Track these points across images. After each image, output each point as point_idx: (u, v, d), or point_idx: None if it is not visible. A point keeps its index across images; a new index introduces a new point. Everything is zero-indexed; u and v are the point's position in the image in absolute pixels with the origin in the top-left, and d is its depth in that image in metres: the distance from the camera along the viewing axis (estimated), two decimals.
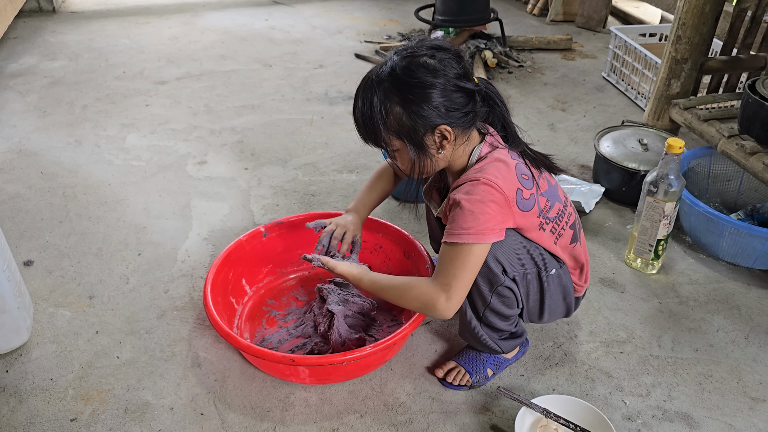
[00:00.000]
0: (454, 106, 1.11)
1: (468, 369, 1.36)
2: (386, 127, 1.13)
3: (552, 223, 1.23)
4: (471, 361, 1.37)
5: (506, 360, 1.39)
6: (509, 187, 1.13)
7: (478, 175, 1.13)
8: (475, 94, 1.14)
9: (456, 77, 1.11)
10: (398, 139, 1.14)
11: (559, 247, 1.26)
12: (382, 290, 1.25)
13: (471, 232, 1.11)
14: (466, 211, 1.11)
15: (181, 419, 1.28)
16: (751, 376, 1.40)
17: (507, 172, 1.14)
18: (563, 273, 1.30)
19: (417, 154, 1.15)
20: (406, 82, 1.10)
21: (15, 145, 2.27)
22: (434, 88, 1.09)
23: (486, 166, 1.15)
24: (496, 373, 1.38)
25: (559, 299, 1.32)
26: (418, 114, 1.10)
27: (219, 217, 1.90)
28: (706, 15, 1.96)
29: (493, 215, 1.12)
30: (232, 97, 2.65)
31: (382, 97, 1.11)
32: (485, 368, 1.36)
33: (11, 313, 1.37)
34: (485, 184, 1.12)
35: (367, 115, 1.13)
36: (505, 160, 1.16)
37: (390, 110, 1.12)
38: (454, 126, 1.13)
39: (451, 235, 1.13)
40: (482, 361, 1.36)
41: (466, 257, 1.13)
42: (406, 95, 1.10)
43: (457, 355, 1.40)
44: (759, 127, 1.68)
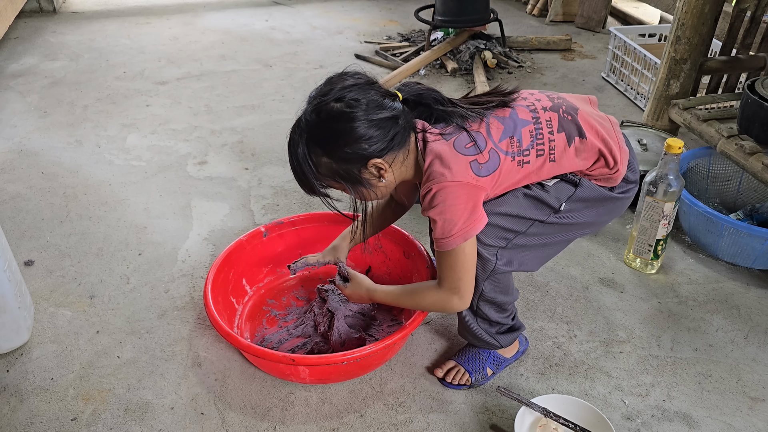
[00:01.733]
0: (376, 139, 1.10)
1: (467, 368, 1.36)
2: (321, 177, 1.15)
3: (534, 149, 1.16)
4: (470, 361, 1.37)
5: (506, 359, 1.39)
6: (460, 169, 1.11)
7: (429, 183, 1.12)
8: (395, 117, 1.12)
9: (370, 111, 1.09)
10: (336, 182, 1.16)
11: (559, 162, 1.18)
12: (397, 303, 1.31)
13: (455, 235, 1.12)
14: (440, 222, 1.12)
15: (181, 419, 1.29)
16: (750, 376, 1.40)
17: (451, 158, 1.11)
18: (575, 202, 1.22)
19: (358, 188, 1.16)
20: (321, 134, 1.11)
21: (16, 145, 2.27)
22: (351, 132, 1.09)
23: (430, 169, 1.13)
24: (495, 373, 1.38)
25: (591, 219, 1.26)
26: (345, 159, 1.11)
27: (219, 217, 1.90)
28: (706, 15, 1.97)
29: (463, 208, 1.11)
30: (232, 98, 2.65)
31: (306, 151, 1.12)
32: (485, 367, 1.37)
33: (12, 312, 1.37)
34: (439, 188, 1.11)
35: (299, 171, 1.15)
36: (442, 149, 1.12)
37: (317, 162, 1.13)
38: (384, 154, 1.12)
39: (439, 245, 1.15)
40: (482, 360, 1.37)
41: (460, 258, 1.14)
42: (326, 145, 1.11)
43: (456, 354, 1.40)
44: (758, 127, 1.68)
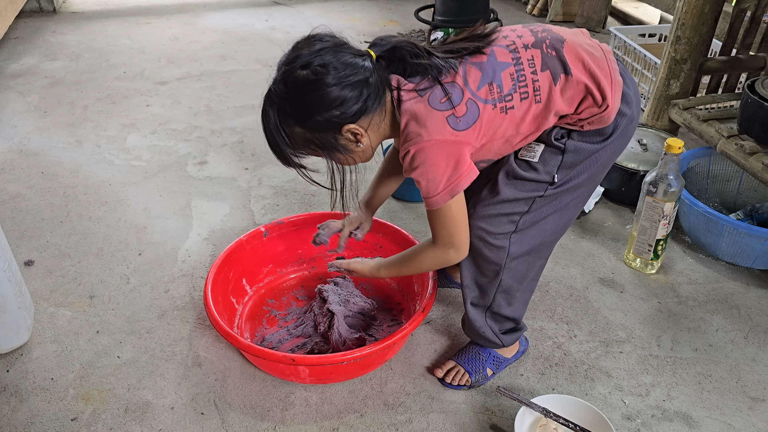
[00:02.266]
0: (348, 104, 1.05)
1: (467, 369, 1.36)
2: (297, 146, 1.12)
3: (516, 93, 1.10)
4: (470, 361, 1.37)
5: (506, 359, 1.39)
6: (437, 127, 1.07)
7: (407, 145, 1.09)
8: (367, 79, 1.06)
9: (340, 75, 1.04)
10: (313, 151, 1.14)
11: (547, 103, 1.10)
12: (400, 273, 1.30)
13: (441, 193, 1.09)
14: (424, 182, 1.10)
15: (181, 419, 1.29)
16: (750, 376, 1.40)
17: (426, 116, 1.07)
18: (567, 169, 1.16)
19: (338, 156, 1.13)
20: (291, 104, 1.07)
21: (16, 145, 2.27)
22: (321, 99, 1.04)
23: (407, 130, 1.09)
24: (495, 373, 1.38)
25: (594, 172, 1.20)
26: (318, 127, 1.08)
27: (219, 217, 1.90)
28: (706, 15, 1.97)
29: (445, 166, 1.08)
30: (232, 98, 2.65)
31: (278, 123, 1.09)
32: (485, 368, 1.36)
33: (12, 312, 1.37)
34: (417, 150, 1.07)
35: (273, 142, 1.12)
36: (417, 107, 1.08)
37: (291, 133, 1.10)
38: (359, 119, 1.08)
39: (427, 204, 1.13)
40: (482, 360, 1.36)
41: (449, 215, 1.13)
42: (297, 115, 1.08)
43: (456, 354, 1.40)
44: (758, 127, 1.68)
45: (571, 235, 1.83)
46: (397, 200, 1.98)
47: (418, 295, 1.48)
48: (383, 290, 1.60)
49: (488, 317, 1.30)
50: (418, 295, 1.47)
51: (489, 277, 1.24)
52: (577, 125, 1.15)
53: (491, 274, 1.24)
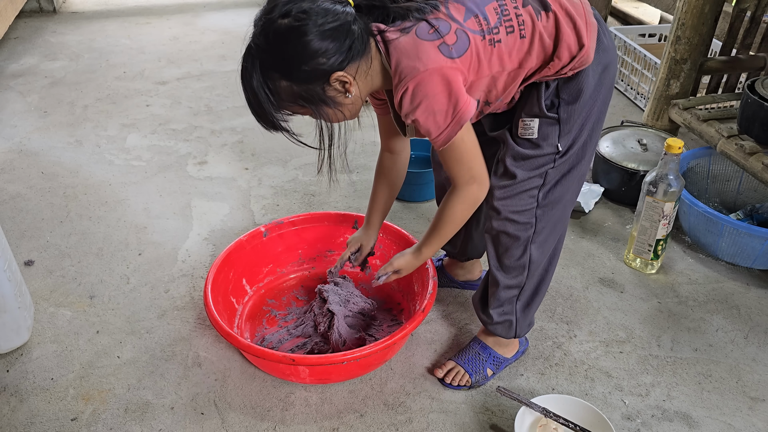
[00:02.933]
0: (333, 50, 1.01)
1: (467, 369, 1.36)
2: (283, 104, 1.06)
3: (502, 26, 1.07)
4: (470, 362, 1.37)
5: (506, 359, 1.39)
6: (430, 56, 1.02)
7: (403, 82, 1.03)
8: (348, 24, 1.02)
9: (321, 22, 1.00)
10: (301, 107, 1.08)
11: (531, 40, 1.08)
12: (442, 238, 1.24)
13: (450, 124, 1.06)
14: (430, 118, 1.05)
15: (181, 419, 1.29)
16: (750, 376, 1.40)
17: (418, 49, 1.03)
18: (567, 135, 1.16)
19: (326, 110, 1.08)
20: (274, 56, 1.01)
21: (16, 145, 2.27)
22: (306, 47, 0.99)
23: (400, 67, 1.04)
24: (495, 373, 1.38)
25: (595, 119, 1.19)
26: (305, 78, 1.02)
27: (219, 217, 1.90)
28: (706, 15, 1.97)
29: (447, 95, 1.04)
30: (232, 98, 2.65)
31: (261, 79, 1.03)
32: (485, 368, 1.36)
33: (12, 312, 1.37)
34: (416, 83, 1.02)
35: (256, 103, 1.06)
36: (406, 42, 1.04)
37: (276, 88, 1.04)
38: (346, 66, 1.03)
39: (437, 143, 1.09)
40: (482, 361, 1.37)
41: (462, 147, 1.10)
42: (282, 68, 1.02)
43: (456, 355, 1.40)
44: (758, 127, 1.68)
45: (571, 235, 1.83)
46: (397, 200, 1.98)
47: (418, 295, 1.48)
48: (383, 290, 1.60)
49: (519, 301, 1.31)
50: (418, 295, 1.47)
51: (517, 257, 1.25)
52: (561, 73, 1.13)
53: (519, 253, 1.24)
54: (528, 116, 1.16)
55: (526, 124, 1.16)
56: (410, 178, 1.91)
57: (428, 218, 1.89)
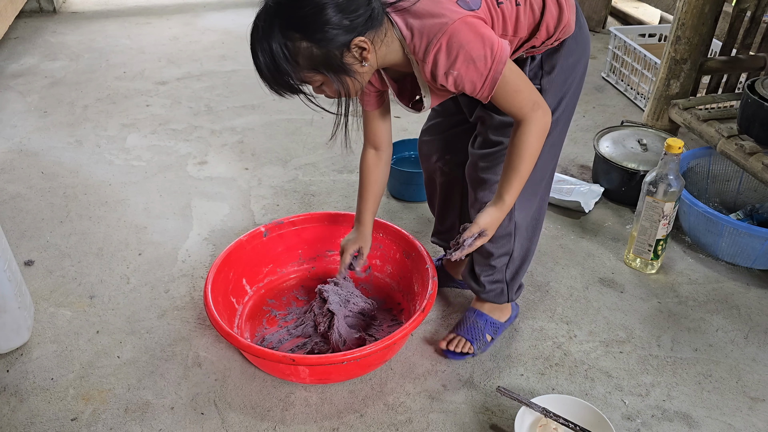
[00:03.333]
0: (356, 14, 1.00)
1: (468, 337, 1.42)
2: (299, 68, 1.03)
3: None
4: (470, 330, 1.43)
5: (501, 324, 1.47)
6: (452, 8, 1.03)
7: (435, 41, 1.03)
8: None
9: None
10: (317, 73, 1.05)
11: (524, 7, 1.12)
12: (521, 177, 1.18)
13: (490, 71, 1.04)
14: (468, 69, 1.04)
15: (181, 419, 1.29)
16: (750, 376, 1.40)
17: (437, 6, 1.04)
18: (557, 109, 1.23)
19: (342, 78, 1.06)
20: (297, 13, 0.99)
21: (16, 145, 2.27)
22: (328, 7, 0.98)
23: (425, 29, 1.03)
24: (494, 338, 1.46)
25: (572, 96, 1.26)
26: (326, 39, 1.00)
27: (219, 217, 1.90)
28: (706, 15, 1.97)
29: (481, 39, 1.03)
30: (232, 98, 2.65)
31: (282, 40, 1.00)
32: (484, 334, 1.43)
33: (12, 312, 1.37)
34: (448, 37, 1.02)
35: (272, 66, 1.02)
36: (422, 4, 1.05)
37: (296, 49, 1.01)
38: (366, 31, 1.02)
39: (483, 92, 1.07)
40: (480, 328, 1.43)
41: (513, 78, 1.08)
42: (304, 27, 0.99)
43: (455, 327, 1.46)
44: (758, 127, 1.68)
45: (571, 235, 1.83)
46: (397, 200, 1.98)
47: (418, 295, 1.48)
48: (383, 290, 1.60)
49: (508, 268, 1.38)
50: (418, 295, 1.47)
51: (504, 225, 1.30)
52: (546, 44, 1.18)
53: (506, 221, 1.29)
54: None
55: None
56: (410, 178, 1.91)
57: (428, 218, 1.89)
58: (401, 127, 2.42)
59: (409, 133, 2.37)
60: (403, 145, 2.09)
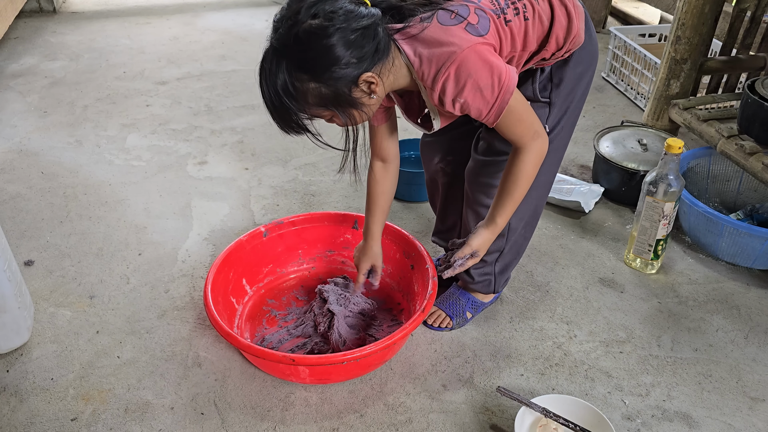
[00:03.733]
0: (362, 51, 1.01)
1: (449, 313, 1.49)
2: (309, 106, 1.04)
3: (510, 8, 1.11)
4: (452, 306, 1.49)
5: (483, 303, 1.51)
6: (461, 36, 1.03)
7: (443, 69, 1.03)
8: (375, 24, 1.02)
9: (350, 22, 0.99)
10: (326, 109, 1.06)
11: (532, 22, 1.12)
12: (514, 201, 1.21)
13: (496, 100, 1.06)
14: (474, 98, 1.05)
15: (181, 419, 1.29)
16: (750, 376, 1.40)
17: (446, 34, 1.04)
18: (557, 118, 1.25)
19: (352, 112, 1.06)
20: (303, 56, 1.00)
21: (16, 145, 2.27)
22: (336, 48, 0.98)
23: (433, 57, 1.04)
24: (474, 315, 1.51)
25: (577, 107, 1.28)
26: (334, 78, 1.01)
27: (219, 217, 1.90)
28: (706, 15, 1.97)
29: (489, 68, 1.03)
30: (232, 98, 2.65)
31: (288, 81, 1.01)
32: (464, 312, 1.49)
33: (12, 312, 1.37)
34: (457, 65, 1.02)
35: (280, 106, 1.03)
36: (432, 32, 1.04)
37: (303, 90, 1.02)
38: (373, 67, 1.03)
39: (489, 119, 1.09)
40: (461, 305, 1.49)
41: (518, 108, 1.09)
42: (312, 69, 1.00)
43: (438, 301, 1.51)
44: (758, 127, 1.68)
45: (571, 235, 1.83)
46: (397, 200, 1.98)
47: (418, 295, 1.48)
48: (383, 290, 1.60)
49: (498, 263, 1.42)
50: (418, 295, 1.47)
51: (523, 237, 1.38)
52: (556, 56, 1.19)
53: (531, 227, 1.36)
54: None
55: None
56: (410, 178, 1.91)
57: (428, 218, 1.89)
58: (401, 127, 2.41)
59: (409, 133, 2.37)
60: (403, 145, 2.09)
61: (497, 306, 1.57)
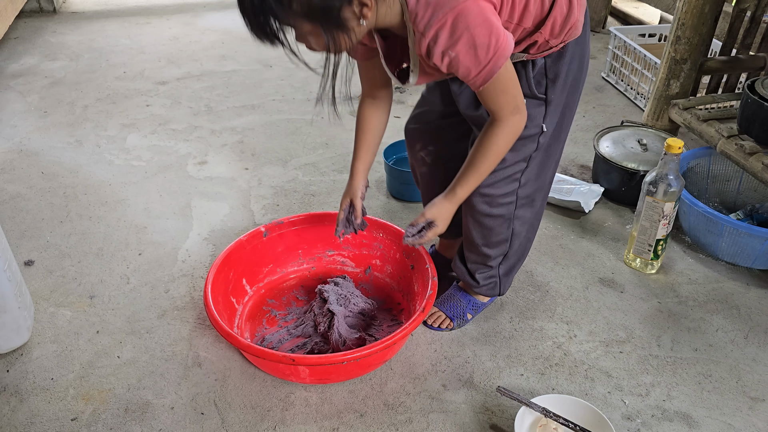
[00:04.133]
0: None
1: (450, 314, 1.49)
2: (290, 12, 0.95)
3: None
4: (452, 308, 1.49)
5: (483, 304, 1.51)
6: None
7: (440, 15, 0.96)
8: None
9: None
10: (309, 22, 0.97)
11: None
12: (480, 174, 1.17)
13: (489, 63, 1.00)
14: (467, 54, 0.99)
15: (181, 419, 1.29)
16: (750, 376, 1.40)
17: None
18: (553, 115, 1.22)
19: (335, 33, 0.98)
20: None
21: (16, 145, 2.27)
22: None
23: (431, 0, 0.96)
24: (474, 316, 1.51)
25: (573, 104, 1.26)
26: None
27: (219, 217, 1.90)
28: (706, 15, 1.97)
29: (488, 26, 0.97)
30: (232, 98, 2.65)
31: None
32: (465, 313, 1.49)
33: (12, 312, 1.37)
34: (456, 14, 0.95)
35: (259, 4, 0.96)
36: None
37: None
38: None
39: (475, 82, 1.03)
40: (462, 306, 1.49)
41: (507, 75, 1.05)
42: None
43: (439, 302, 1.51)
44: (758, 127, 1.68)
45: (571, 235, 1.83)
46: (397, 200, 1.98)
47: (418, 295, 1.48)
48: (383, 290, 1.60)
49: (503, 266, 1.43)
50: (418, 295, 1.47)
51: (502, 233, 1.34)
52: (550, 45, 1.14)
53: (504, 229, 1.33)
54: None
55: None
56: (410, 178, 1.91)
57: None
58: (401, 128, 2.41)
59: None
60: (403, 145, 2.09)
61: (497, 306, 1.57)
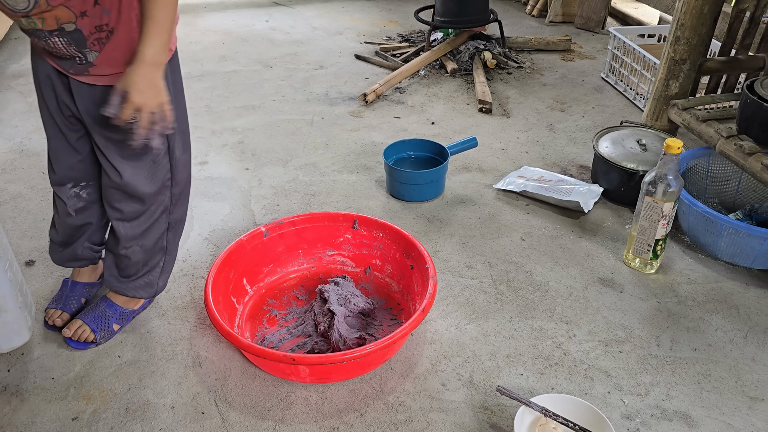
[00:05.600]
0: None
1: (93, 327, 1.43)
2: None
3: None
4: (97, 320, 1.44)
5: (132, 311, 1.49)
6: None
7: None
8: None
9: None
10: None
11: None
12: (168, 32, 1.14)
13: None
14: None
15: (182, 418, 1.29)
16: (749, 376, 1.41)
17: None
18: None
19: None
20: None
21: (17, 145, 2.27)
22: None
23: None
24: (122, 326, 1.48)
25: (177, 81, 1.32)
26: None
27: (220, 217, 1.91)
28: (705, 16, 1.97)
29: None
30: (232, 98, 2.66)
31: None
32: (110, 325, 1.45)
33: (13, 312, 1.38)
34: None
35: None
36: None
37: None
38: None
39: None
40: (107, 317, 1.45)
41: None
42: None
43: (83, 314, 1.46)
44: (757, 128, 1.69)
45: (570, 235, 1.83)
46: (397, 200, 1.98)
47: (418, 295, 1.49)
48: (383, 290, 1.61)
49: (164, 263, 1.45)
50: (418, 295, 1.48)
51: (160, 228, 1.39)
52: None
53: (158, 234, 1.39)
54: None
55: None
56: (410, 178, 1.92)
57: (428, 218, 1.89)
58: (401, 128, 2.42)
59: (409, 133, 2.38)
60: (403, 145, 2.09)
61: (497, 306, 1.57)
